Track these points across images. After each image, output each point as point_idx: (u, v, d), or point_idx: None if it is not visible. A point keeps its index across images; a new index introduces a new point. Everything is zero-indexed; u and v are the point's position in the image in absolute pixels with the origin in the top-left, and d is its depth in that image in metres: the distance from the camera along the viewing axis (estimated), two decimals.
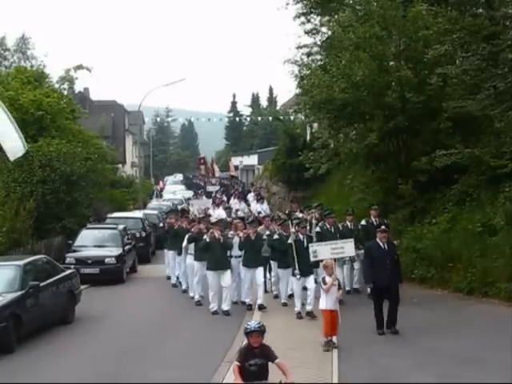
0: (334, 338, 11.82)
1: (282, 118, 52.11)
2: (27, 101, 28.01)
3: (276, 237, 15.53)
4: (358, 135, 21.29)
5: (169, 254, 19.72)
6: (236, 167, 65.17)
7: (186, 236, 16.76)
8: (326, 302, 11.92)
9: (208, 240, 15.14)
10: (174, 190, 53.30)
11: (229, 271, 15.21)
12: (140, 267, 22.99)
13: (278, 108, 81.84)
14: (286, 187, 36.55)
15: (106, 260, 20.34)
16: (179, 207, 32.30)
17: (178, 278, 19.08)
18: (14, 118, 27.28)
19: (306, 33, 26.33)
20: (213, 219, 18.08)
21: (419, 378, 9.82)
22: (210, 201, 30.79)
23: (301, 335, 12.77)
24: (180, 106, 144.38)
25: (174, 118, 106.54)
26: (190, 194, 50.99)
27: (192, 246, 16.48)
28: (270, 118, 71.91)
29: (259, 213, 26.54)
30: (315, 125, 30.67)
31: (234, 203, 32.78)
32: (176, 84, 51.86)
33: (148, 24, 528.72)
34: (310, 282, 14.23)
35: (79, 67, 34.54)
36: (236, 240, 15.49)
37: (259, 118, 79.74)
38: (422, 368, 10.23)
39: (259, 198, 30.94)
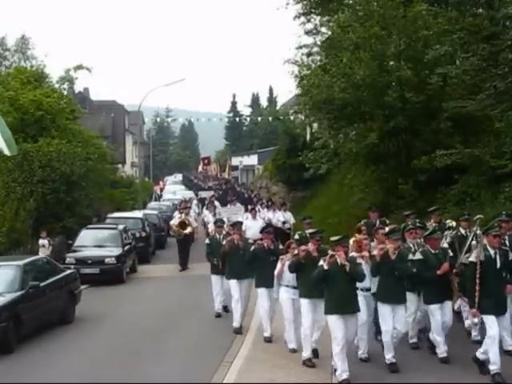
0: None
1: (281, 118, 52.07)
2: (27, 101, 28.01)
3: (418, 256, 10.51)
4: (358, 135, 21.33)
5: (231, 284, 13.50)
6: (235, 167, 64.87)
7: (283, 261, 11.29)
8: None
9: (326, 267, 9.75)
10: (173, 190, 53.32)
11: (358, 314, 10.13)
12: (140, 267, 22.98)
13: (277, 108, 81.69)
14: (285, 187, 36.58)
15: (106, 260, 20.31)
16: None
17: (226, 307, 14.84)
18: (14, 119, 27.38)
19: (306, 33, 26.47)
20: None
21: (420, 378, 9.82)
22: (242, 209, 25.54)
23: None
24: (180, 106, 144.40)
25: (173, 118, 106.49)
26: (190, 194, 50.85)
27: (289, 276, 11.23)
28: (270, 118, 71.87)
29: (284, 223, 23.02)
30: (315, 125, 30.67)
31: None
32: (176, 84, 51.77)
33: (148, 24, 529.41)
34: (504, 322, 9.66)
35: (79, 67, 34.50)
36: (365, 265, 10.44)
37: (259, 118, 79.61)
38: (422, 369, 10.23)
39: (270, 205, 25.66)
